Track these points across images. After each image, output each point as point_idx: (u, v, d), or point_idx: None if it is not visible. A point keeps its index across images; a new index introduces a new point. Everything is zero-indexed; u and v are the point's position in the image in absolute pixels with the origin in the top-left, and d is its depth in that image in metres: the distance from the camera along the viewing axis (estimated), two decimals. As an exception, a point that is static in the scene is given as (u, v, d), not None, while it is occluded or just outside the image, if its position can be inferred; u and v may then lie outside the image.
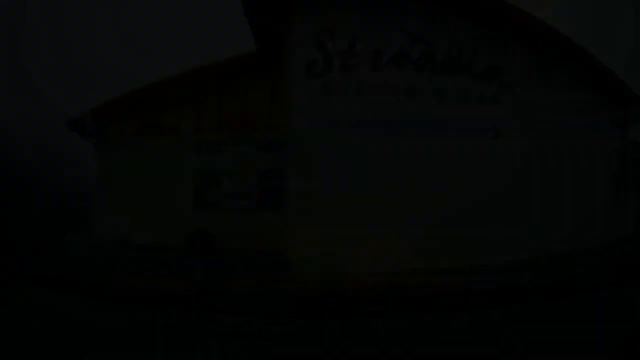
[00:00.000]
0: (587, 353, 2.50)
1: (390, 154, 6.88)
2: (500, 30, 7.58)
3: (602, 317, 3.22)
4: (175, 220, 9.63)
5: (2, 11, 31.49)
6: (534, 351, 2.72)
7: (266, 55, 9.04)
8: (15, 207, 13.97)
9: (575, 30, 9.62)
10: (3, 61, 26.25)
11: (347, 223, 6.71)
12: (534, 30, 7.64)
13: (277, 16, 7.30)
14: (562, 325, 3.27)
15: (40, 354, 2.69)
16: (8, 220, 11.89)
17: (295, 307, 4.35)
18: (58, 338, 3.12)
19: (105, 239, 9.76)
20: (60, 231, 11.81)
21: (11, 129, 18.50)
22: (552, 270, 5.94)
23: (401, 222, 6.77)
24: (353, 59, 7.02)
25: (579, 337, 2.86)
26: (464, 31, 7.42)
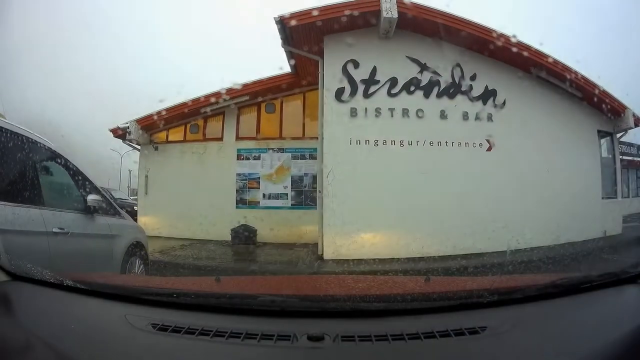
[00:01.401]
0: None
1: (401, 165, 8.17)
2: (496, 57, 8.72)
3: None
4: (219, 217, 10.82)
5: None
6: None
7: (299, 75, 10.37)
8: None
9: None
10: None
11: (363, 225, 7.97)
12: (525, 55, 8.63)
13: (309, 48, 8.62)
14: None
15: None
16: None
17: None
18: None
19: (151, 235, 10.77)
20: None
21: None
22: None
23: (401, 223, 8.05)
24: (373, 86, 8.38)
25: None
26: (465, 60, 8.60)
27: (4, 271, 1.72)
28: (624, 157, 17.19)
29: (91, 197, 4.15)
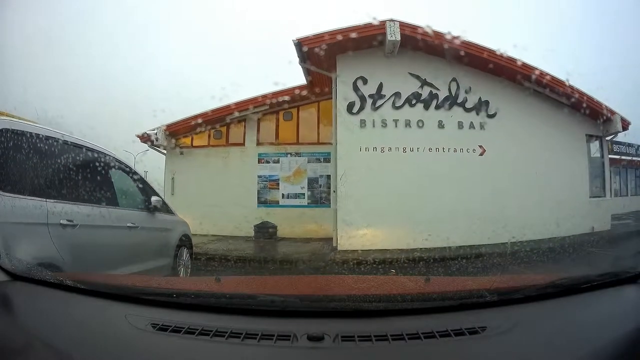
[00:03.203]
0: None
1: (404, 169, 9.23)
2: (489, 71, 9.55)
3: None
4: (242, 215, 11.52)
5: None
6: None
7: (313, 87, 11.34)
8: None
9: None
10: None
11: (371, 221, 8.90)
12: (515, 68, 9.47)
13: (323, 66, 9.74)
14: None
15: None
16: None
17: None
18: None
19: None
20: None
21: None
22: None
23: (405, 220, 9.02)
24: (380, 100, 9.52)
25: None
26: (460, 74, 9.61)
27: (4, 271, 1.72)
28: (623, 157, 17.68)
29: (154, 198, 5.14)
